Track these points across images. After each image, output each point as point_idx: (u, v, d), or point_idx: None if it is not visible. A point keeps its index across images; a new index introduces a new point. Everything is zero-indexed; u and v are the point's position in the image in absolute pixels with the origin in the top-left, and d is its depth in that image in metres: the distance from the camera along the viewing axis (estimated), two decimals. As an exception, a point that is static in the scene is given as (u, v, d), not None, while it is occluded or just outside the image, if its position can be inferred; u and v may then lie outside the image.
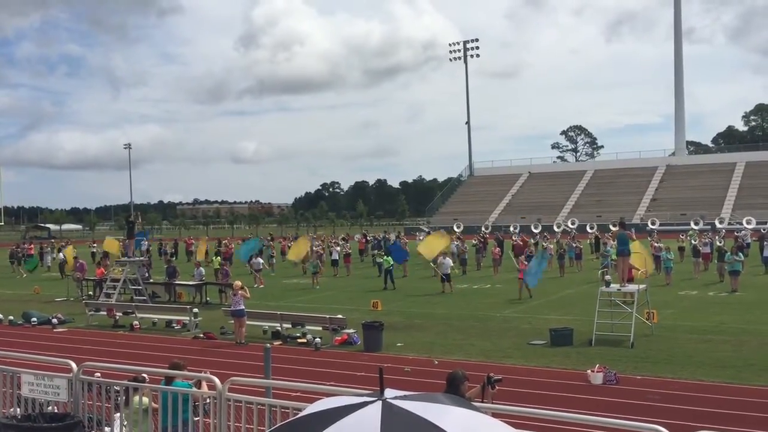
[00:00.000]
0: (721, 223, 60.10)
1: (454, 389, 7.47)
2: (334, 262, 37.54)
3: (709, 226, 56.80)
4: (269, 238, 56.50)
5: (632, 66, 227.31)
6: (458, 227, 65.03)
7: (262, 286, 31.32)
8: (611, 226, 41.87)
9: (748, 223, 55.44)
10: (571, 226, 59.69)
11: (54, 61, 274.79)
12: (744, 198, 76.37)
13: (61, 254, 43.45)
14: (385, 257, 31.87)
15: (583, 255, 37.28)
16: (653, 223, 61.44)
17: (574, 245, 37.27)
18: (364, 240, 51.55)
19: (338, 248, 38.99)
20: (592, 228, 54.86)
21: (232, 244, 45.96)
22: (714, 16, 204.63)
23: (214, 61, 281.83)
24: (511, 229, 58.36)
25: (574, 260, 36.33)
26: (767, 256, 32.88)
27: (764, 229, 45.57)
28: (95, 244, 54.11)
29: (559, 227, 60.93)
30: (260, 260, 35.10)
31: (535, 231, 56.83)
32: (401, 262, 33.78)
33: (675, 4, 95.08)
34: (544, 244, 41.16)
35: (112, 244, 37.94)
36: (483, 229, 60.74)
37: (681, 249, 37.72)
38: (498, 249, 37.17)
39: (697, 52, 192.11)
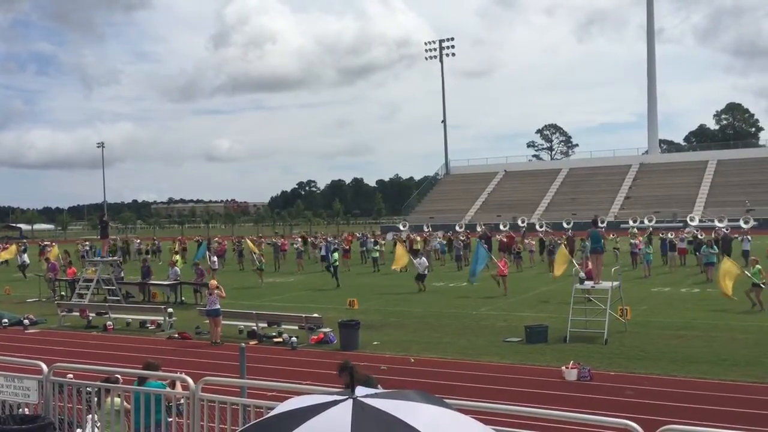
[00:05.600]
0: (673, 220, 60.96)
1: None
2: (324, 258, 38.21)
3: (681, 224, 57.53)
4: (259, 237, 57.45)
5: (605, 65, 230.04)
6: (427, 227, 65.49)
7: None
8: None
9: (720, 221, 56.36)
10: (539, 229, 60.60)
11: (24, 58, 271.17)
12: (716, 195, 77.50)
13: (25, 256, 42.61)
14: (333, 255, 32.09)
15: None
16: (635, 221, 62.19)
17: (558, 241, 38.02)
18: (350, 237, 51.87)
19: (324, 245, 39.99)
20: (541, 226, 56.08)
21: (225, 242, 46.85)
22: (683, 15, 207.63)
23: (188, 59, 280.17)
24: (478, 228, 58.90)
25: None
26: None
27: (727, 229, 45.83)
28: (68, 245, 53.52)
29: (522, 222, 62.50)
30: (215, 259, 35.70)
31: (502, 229, 57.61)
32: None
33: (647, 4, 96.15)
34: (526, 241, 41.69)
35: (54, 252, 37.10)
36: (457, 228, 61.11)
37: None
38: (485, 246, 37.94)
39: (668, 52, 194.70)
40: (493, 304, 24.23)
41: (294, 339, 17.90)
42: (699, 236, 36.07)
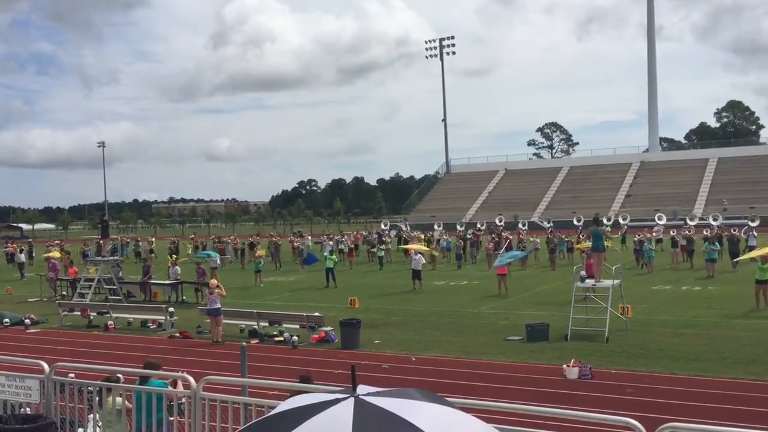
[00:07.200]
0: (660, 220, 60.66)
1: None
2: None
3: (682, 221, 57.57)
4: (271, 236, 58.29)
5: (605, 64, 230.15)
6: (405, 226, 65.50)
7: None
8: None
9: (691, 219, 56.69)
10: (524, 227, 60.76)
11: (24, 58, 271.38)
12: (716, 193, 77.42)
13: (22, 255, 42.58)
14: (328, 256, 31.94)
15: (574, 248, 37.77)
16: (608, 220, 62.14)
17: (566, 239, 38.23)
18: (357, 236, 51.98)
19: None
20: (523, 225, 56.52)
21: (238, 240, 48.64)
22: (683, 13, 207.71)
23: (187, 58, 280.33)
24: (458, 228, 59.04)
25: (566, 253, 37.31)
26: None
27: (734, 229, 45.59)
28: (69, 244, 53.57)
29: (500, 221, 63.08)
30: (217, 258, 35.85)
31: (481, 228, 57.84)
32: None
33: (647, 2, 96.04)
34: (530, 239, 41.81)
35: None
36: (436, 227, 61.07)
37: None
38: (492, 244, 38.02)
39: (668, 50, 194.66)
40: (494, 302, 24.22)
41: (295, 338, 17.90)
42: (705, 232, 36.96)
